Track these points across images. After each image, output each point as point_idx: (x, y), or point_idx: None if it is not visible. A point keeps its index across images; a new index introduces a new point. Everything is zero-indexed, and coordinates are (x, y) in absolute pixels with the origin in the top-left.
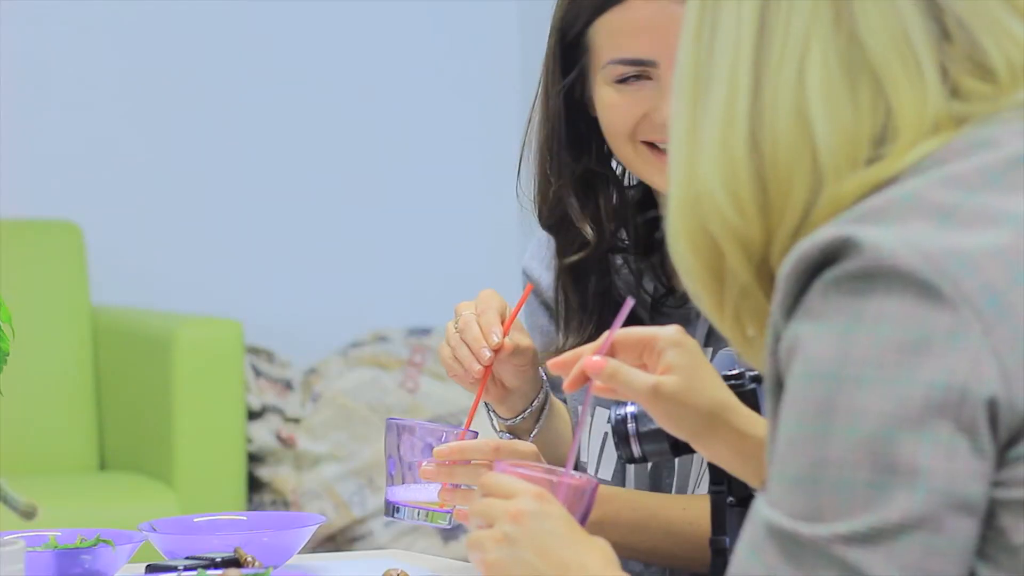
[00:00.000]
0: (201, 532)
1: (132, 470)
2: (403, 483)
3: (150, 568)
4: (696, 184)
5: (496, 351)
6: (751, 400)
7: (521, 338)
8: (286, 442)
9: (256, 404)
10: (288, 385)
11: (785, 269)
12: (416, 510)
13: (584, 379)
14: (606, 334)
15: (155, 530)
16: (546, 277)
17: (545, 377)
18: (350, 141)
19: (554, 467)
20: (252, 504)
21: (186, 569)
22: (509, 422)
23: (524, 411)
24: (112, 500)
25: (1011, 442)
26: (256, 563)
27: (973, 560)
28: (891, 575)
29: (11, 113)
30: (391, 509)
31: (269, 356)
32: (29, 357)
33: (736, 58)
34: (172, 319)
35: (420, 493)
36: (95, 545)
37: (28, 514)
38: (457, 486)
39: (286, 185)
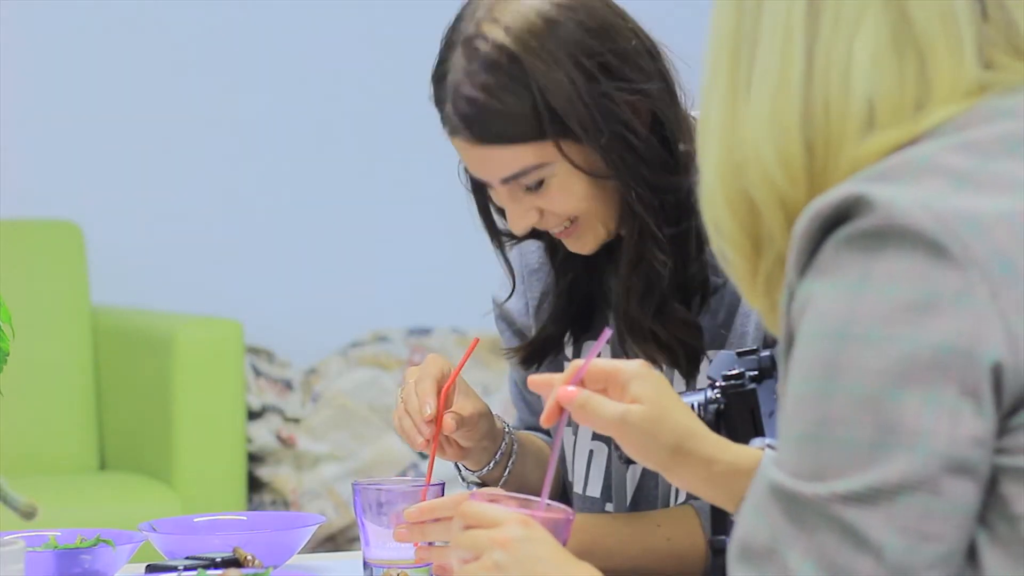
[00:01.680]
0: (201, 532)
1: (132, 470)
2: (378, 543)
3: (150, 568)
4: (742, 150)
5: (431, 421)
6: (750, 400)
7: (465, 406)
8: (286, 442)
9: (256, 404)
10: (288, 385)
11: (799, 227)
12: (394, 570)
13: (559, 410)
14: (579, 363)
15: (155, 530)
16: (514, 303)
17: (508, 427)
18: (350, 141)
19: (529, 497)
20: (252, 504)
21: (186, 569)
22: (476, 474)
23: (489, 463)
24: (112, 500)
25: (1015, 408)
26: (255, 561)
27: (974, 529)
28: (889, 536)
29: (11, 113)
30: (368, 570)
31: (269, 356)
32: (29, 357)
33: (788, 29)
34: (172, 319)
35: (396, 552)
36: (95, 545)
37: (28, 514)
38: (431, 543)
39: (286, 185)
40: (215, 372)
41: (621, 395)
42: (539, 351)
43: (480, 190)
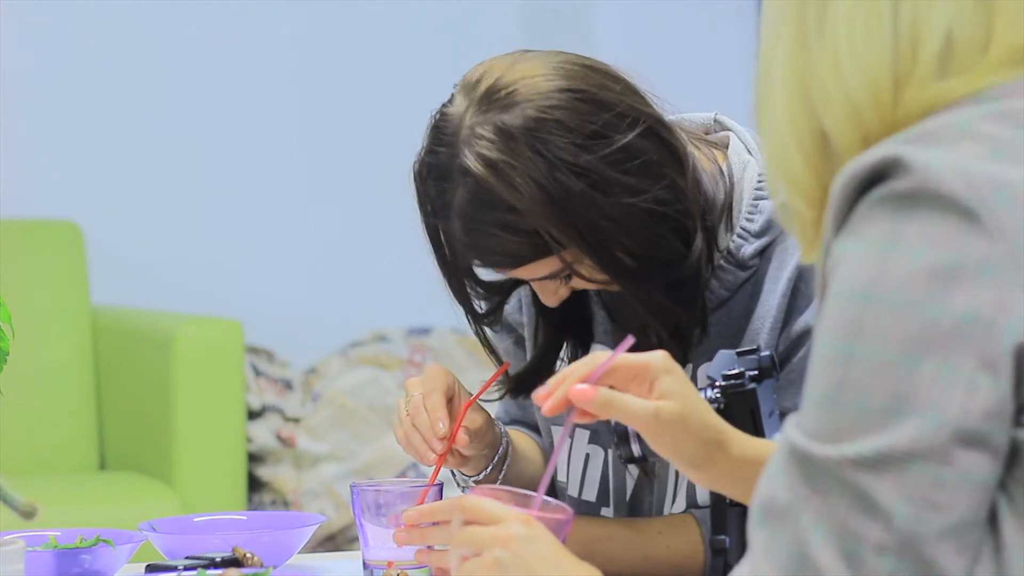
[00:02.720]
0: (201, 532)
1: (132, 470)
2: (377, 544)
3: (150, 568)
4: (824, 88)
5: (445, 438)
6: (750, 400)
7: (474, 419)
8: (286, 442)
9: (256, 404)
10: (288, 385)
11: (836, 186)
12: (395, 570)
13: (567, 404)
14: (599, 358)
15: (155, 530)
16: (511, 301)
17: (503, 429)
18: (351, 141)
19: (528, 493)
20: (252, 504)
21: (186, 569)
22: (472, 479)
23: (486, 468)
24: (112, 500)
25: None
26: (254, 558)
27: (997, 499)
28: (898, 503)
29: (11, 113)
30: (368, 571)
31: (269, 356)
32: (29, 357)
33: None
34: (172, 319)
35: (396, 553)
36: (95, 545)
37: (28, 514)
38: (431, 546)
39: (286, 185)
40: (215, 372)
41: (648, 391)
42: (527, 383)
43: (454, 276)
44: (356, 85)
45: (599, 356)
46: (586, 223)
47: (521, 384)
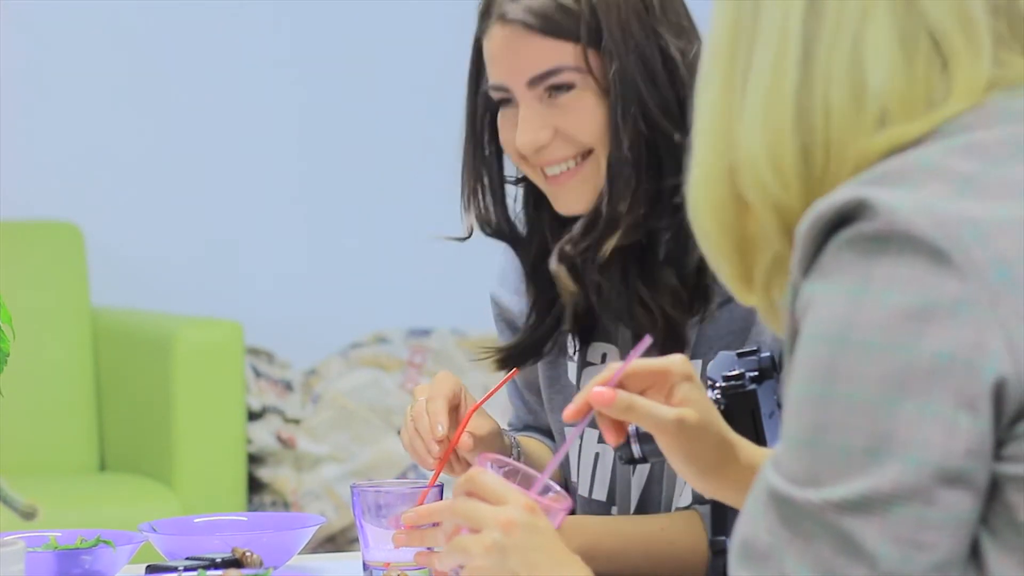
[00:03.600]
0: (201, 533)
1: (132, 471)
2: (377, 545)
3: (150, 569)
4: (736, 152)
5: (442, 442)
6: (750, 400)
7: (481, 425)
8: (286, 443)
9: (256, 405)
10: (288, 386)
11: (802, 228)
12: (395, 571)
13: (588, 410)
14: (614, 366)
15: (155, 531)
16: (516, 303)
17: (514, 439)
18: (350, 142)
19: (535, 473)
20: (252, 505)
21: (186, 570)
22: None
23: None
24: (112, 501)
25: (1019, 416)
26: (254, 556)
27: (978, 532)
28: (883, 545)
29: (11, 114)
30: (368, 571)
31: (269, 357)
32: (29, 358)
33: (784, 30)
34: (172, 320)
35: (396, 554)
36: (95, 546)
37: (28, 515)
38: (431, 548)
39: (286, 186)
40: (215, 373)
41: (667, 397)
42: (517, 356)
43: (479, 143)
44: (356, 85)
45: (616, 364)
46: (622, 40)
47: (511, 355)
